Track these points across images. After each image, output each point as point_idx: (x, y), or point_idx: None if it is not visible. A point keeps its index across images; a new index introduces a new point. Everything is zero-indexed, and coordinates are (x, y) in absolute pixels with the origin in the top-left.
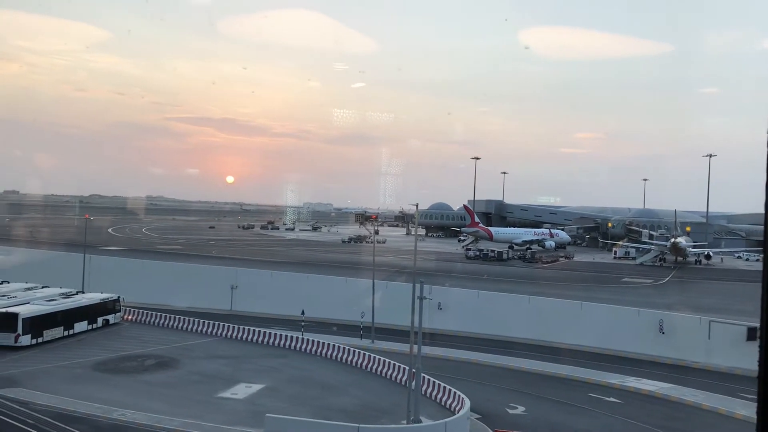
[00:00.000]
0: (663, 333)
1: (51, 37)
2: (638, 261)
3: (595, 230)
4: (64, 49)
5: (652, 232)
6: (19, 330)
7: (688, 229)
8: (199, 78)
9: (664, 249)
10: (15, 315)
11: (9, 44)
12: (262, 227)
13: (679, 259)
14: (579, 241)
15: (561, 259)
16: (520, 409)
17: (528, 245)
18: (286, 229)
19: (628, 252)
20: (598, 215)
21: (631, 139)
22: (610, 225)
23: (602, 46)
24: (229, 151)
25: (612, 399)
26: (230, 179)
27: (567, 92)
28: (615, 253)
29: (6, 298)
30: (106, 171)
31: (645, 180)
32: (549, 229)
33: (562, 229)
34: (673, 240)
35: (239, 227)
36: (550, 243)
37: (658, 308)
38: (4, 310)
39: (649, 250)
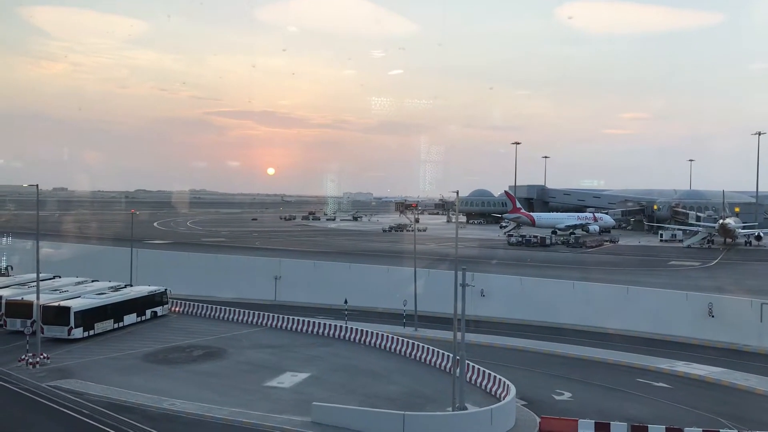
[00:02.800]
0: (713, 316)
1: (93, 35)
2: (685, 244)
3: (640, 213)
4: (105, 48)
5: (699, 214)
6: (72, 323)
7: (737, 209)
8: (238, 72)
9: (712, 231)
10: (67, 309)
11: (54, 45)
12: (303, 218)
13: (728, 240)
14: (624, 225)
15: (605, 243)
16: (567, 395)
17: (571, 230)
18: (327, 220)
19: (675, 234)
20: (643, 198)
21: (678, 118)
22: (655, 207)
23: (647, 20)
24: (269, 144)
25: (661, 384)
26: (271, 171)
27: (611, 72)
28: (661, 235)
29: (58, 292)
30: (150, 166)
31: (691, 161)
32: (593, 212)
33: (606, 213)
34: (721, 221)
35: (281, 218)
36: (594, 227)
37: (707, 291)
38: (57, 303)
39: (696, 233)
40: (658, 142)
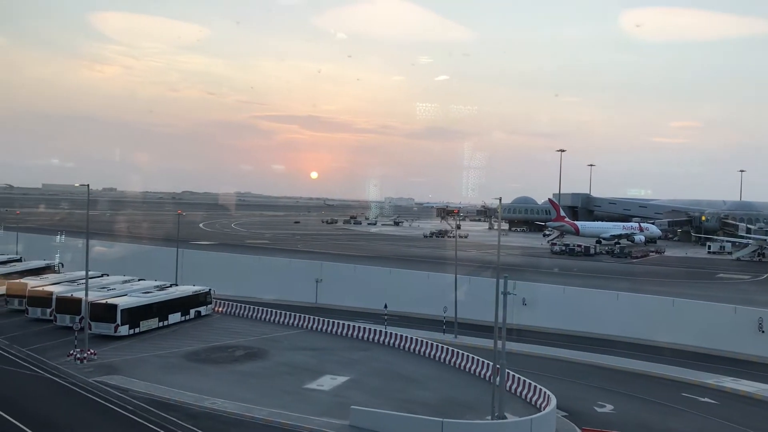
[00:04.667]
0: (763, 332)
1: (145, 39)
2: (734, 256)
3: (688, 224)
4: (157, 52)
5: (749, 226)
6: (119, 320)
7: None
8: (285, 77)
9: (763, 243)
10: (114, 306)
11: (108, 49)
12: (345, 222)
13: None
14: (670, 236)
15: (651, 253)
16: (609, 408)
17: (616, 240)
18: (368, 224)
19: (723, 246)
20: (690, 208)
21: (729, 127)
22: (703, 218)
23: (700, 27)
24: (313, 148)
25: (707, 399)
26: (314, 175)
27: (661, 79)
28: (709, 247)
29: (106, 289)
30: (197, 168)
31: (742, 171)
32: (638, 222)
33: (653, 223)
34: None
35: (323, 222)
36: (639, 237)
37: (758, 306)
38: (104, 301)
39: (746, 245)
40: (708, 152)
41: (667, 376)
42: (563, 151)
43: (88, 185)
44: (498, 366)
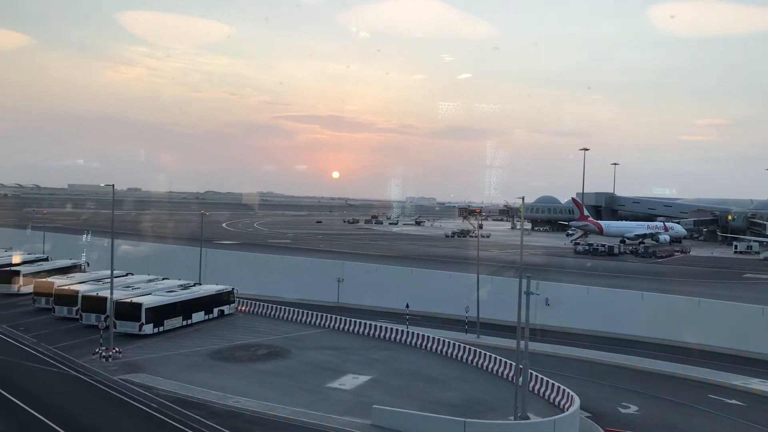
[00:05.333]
0: None
1: (168, 39)
2: (762, 256)
3: (714, 223)
4: (179, 53)
5: None
6: (143, 319)
7: None
8: (307, 77)
9: None
10: (139, 305)
11: (132, 50)
12: (366, 222)
13: None
14: (696, 235)
15: (676, 253)
16: (633, 409)
17: (641, 239)
18: (390, 224)
19: (751, 246)
20: (716, 207)
21: (758, 125)
22: (730, 218)
23: (728, 21)
24: (335, 148)
25: (734, 401)
26: (336, 175)
27: (687, 77)
28: (735, 247)
29: (130, 289)
30: (220, 168)
31: None
32: (663, 222)
33: (678, 223)
34: None
35: (344, 222)
36: (664, 237)
37: None
38: (129, 300)
39: None
40: (736, 150)
41: (693, 377)
42: (587, 149)
43: (113, 185)
44: (521, 366)
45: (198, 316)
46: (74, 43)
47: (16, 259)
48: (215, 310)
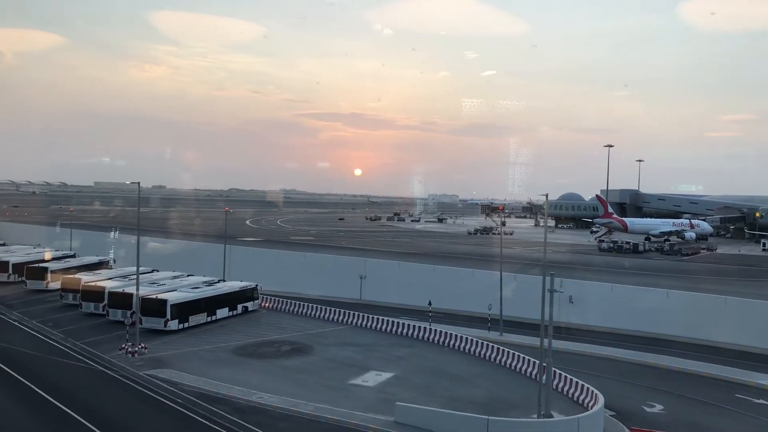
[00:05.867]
0: None
1: (192, 38)
2: None
3: (741, 220)
4: (203, 51)
5: None
6: (168, 315)
7: None
8: (329, 74)
9: None
10: (164, 301)
11: (156, 49)
12: (389, 219)
13: None
14: (722, 233)
15: (702, 251)
16: (658, 408)
17: (666, 236)
18: (412, 221)
19: None
20: (744, 204)
21: None
22: (758, 215)
23: (755, 13)
24: (356, 145)
25: (762, 401)
26: (358, 172)
27: (714, 71)
28: (764, 245)
29: (156, 285)
30: (243, 166)
31: None
32: (689, 219)
33: (704, 220)
34: None
35: (366, 219)
36: (690, 234)
37: None
38: (155, 296)
39: None
40: (764, 146)
41: (720, 376)
42: (611, 146)
43: (138, 183)
44: (544, 364)
45: (222, 313)
46: (101, 43)
47: (48, 255)
48: (239, 307)
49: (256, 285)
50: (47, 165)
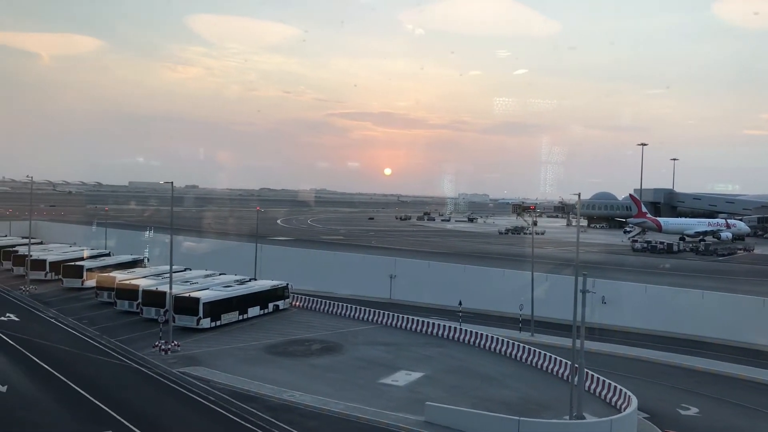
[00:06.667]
0: None
1: (225, 40)
2: None
3: None
4: (235, 52)
5: None
6: (201, 313)
7: None
8: (359, 74)
9: None
10: (197, 300)
11: (189, 50)
12: (419, 218)
13: None
14: (760, 233)
15: (739, 251)
16: (694, 411)
17: (701, 236)
18: (442, 220)
19: None
20: None
21: None
22: None
23: None
24: (386, 144)
25: None
26: (388, 171)
27: (752, 68)
28: None
29: (188, 283)
30: (275, 165)
31: None
32: (725, 219)
33: (741, 220)
34: None
35: (396, 218)
36: (726, 234)
37: None
38: (187, 294)
39: None
40: None
41: (758, 379)
42: (645, 145)
43: (172, 183)
44: (576, 365)
45: (253, 311)
46: (137, 45)
47: (85, 254)
48: (270, 305)
49: (287, 284)
50: (83, 165)
